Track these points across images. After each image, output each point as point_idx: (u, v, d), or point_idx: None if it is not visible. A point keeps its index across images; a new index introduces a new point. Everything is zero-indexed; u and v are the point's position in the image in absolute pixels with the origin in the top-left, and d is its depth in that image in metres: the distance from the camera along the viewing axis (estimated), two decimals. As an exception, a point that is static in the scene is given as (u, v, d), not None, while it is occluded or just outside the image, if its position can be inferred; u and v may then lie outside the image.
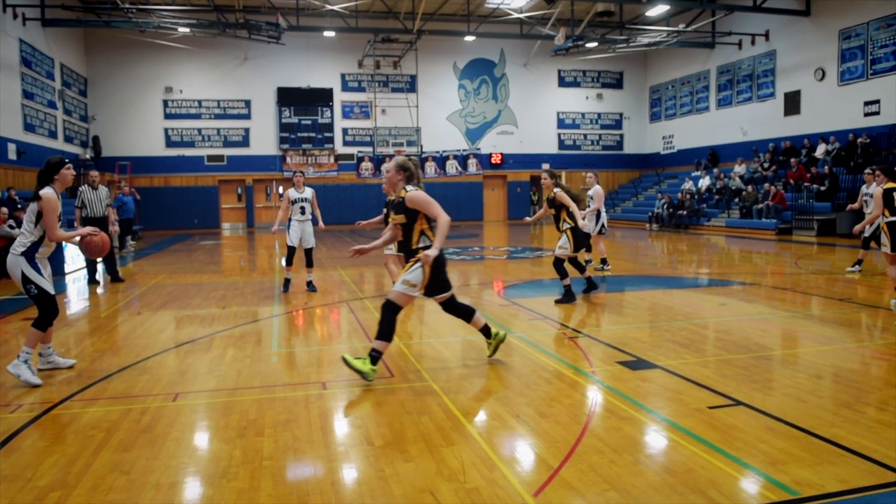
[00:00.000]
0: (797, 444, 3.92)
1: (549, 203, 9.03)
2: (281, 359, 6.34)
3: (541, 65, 31.91)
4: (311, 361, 6.22)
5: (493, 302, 9.35)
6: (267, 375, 5.71)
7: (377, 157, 29.76)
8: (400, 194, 5.54)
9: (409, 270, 5.43)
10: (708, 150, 28.85)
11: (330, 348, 6.75)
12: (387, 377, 5.54)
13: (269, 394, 5.17)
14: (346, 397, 5.08)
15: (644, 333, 7.08)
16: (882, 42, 21.28)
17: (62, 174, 5.59)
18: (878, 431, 4.11)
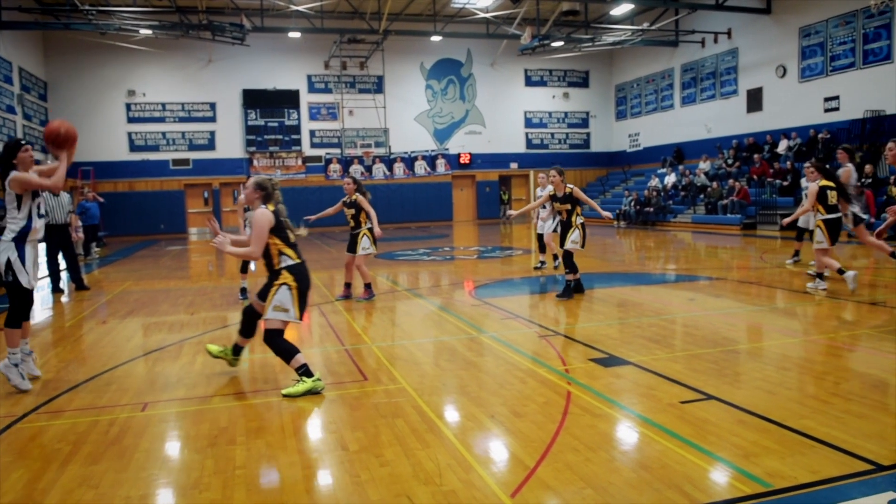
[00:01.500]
0: (768, 437, 3.97)
1: (563, 199, 9.31)
2: (252, 364, 6.26)
3: (507, 64, 32.01)
4: (283, 366, 6.14)
5: (465, 302, 9.34)
6: (238, 382, 5.63)
7: (345, 158, 29.61)
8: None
9: (274, 294, 5.25)
10: (673, 147, 29.20)
11: (303, 353, 6.67)
12: (360, 380, 5.50)
13: (240, 401, 5.10)
14: (320, 402, 5.02)
15: (615, 330, 7.13)
16: (840, 39, 21.72)
17: (20, 157, 5.36)
18: (846, 421, 4.18)
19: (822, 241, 8.78)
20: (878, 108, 20.18)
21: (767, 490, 3.29)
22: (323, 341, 7.16)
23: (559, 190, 9.36)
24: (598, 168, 34.06)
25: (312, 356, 6.46)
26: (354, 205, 9.54)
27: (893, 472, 3.44)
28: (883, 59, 20.44)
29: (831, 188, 8.80)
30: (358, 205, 9.52)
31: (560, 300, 9.02)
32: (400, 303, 9.45)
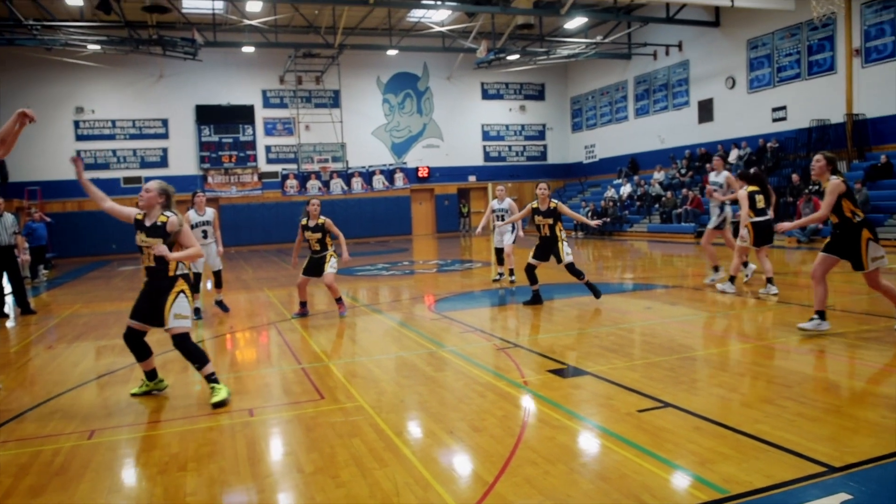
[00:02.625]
0: (724, 443, 3.99)
1: (546, 213, 9.33)
2: (205, 386, 6.10)
3: (464, 78, 32.19)
4: (238, 387, 6.00)
5: (425, 316, 9.28)
6: (190, 405, 5.47)
7: (302, 174, 29.34)
8: (159, 219, 5.42)
9: (173, 303, 5.32)
10: (628, 158, 29.64)
11: (257, 373, 6.54)
12: (316, 400, 5.40)
13: (192, 425, 4.95)
14: (274, 423, 4.91)
15: (573, 340, 7.15)
16: (786, 51, 22.35)
17: None
18: (799, 425, 4.23)
19: (747, 239, 9.51)
20: (823, 117, 20.78)
21: (724, 496, 3.30)
22: (279, 360, 7.03)
23: (543, 204, 9.34)
24: (555, 179, 34.34)
25: (267, 376, 6.33)
26: (321, 228, 9.15)
27: (846, 473, 3.48)
28: (827, 70, 21.07)
29: (758, 192, 9.48)
30: (325, 228, 9.15)
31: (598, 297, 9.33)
32: (359, 319, 9.35)
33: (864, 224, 6.43)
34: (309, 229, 9.17)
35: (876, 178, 18.27)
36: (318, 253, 9.25)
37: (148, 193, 5.52)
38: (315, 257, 9.28)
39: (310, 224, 9.17)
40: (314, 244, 9.22)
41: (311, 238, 9.18)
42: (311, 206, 9.18)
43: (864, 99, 20.00)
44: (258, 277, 16.02)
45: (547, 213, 9.33)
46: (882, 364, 5.72)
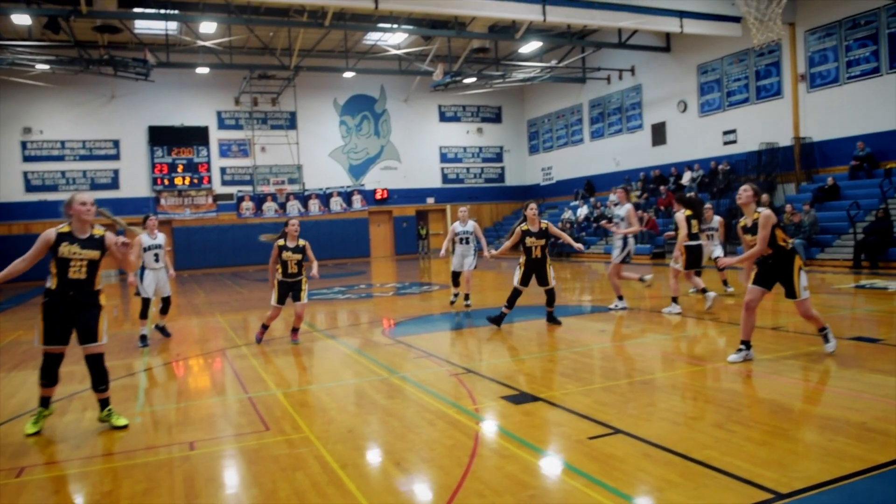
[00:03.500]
0: (673, 470, 3.95)
1: (539, 234, 9.21)
2: (146, 418, 5.87)
3: (421, 100, 32.28)
4: (180, 419, 5.79)
5: (379, 342, 9.14)
6: (128, 439, 5.24)
7: (258, 196, 29.02)
8: (95, 232, 5.47)
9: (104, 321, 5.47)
10: (584, 180, 29.98)
11: (202, 402, 6.33)
12: (261, 431, 5.23)
13: (128, 460, 4.74)
14: (216, 457, 4.73)
15: (527, 365, 7.09)
16: (735, 76, 22.93)
17: None
18: (746, 450, 4.21)
19: (680, 262, 9.84)
20: (772, 140, 21.31)
21: (672, 528, 3.24)
22: (225, 389, 6.82)
23: (534, 225, 9.18)
24: (513, 201, 34.55)
25: (212, 406, 6.13)
26: (302, 250, 8.80)
27: (793, 499, 3.46)
28: (774, 95, 21.66)
29: (693, 217, 9.77)
30: (305, 250, 8.82)
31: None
32: (311, 345, 9.16)
33: (795, 251, 6.52)
34: (289, 250, 8.72)
35: (823, 200, 18.74)
36: (294, 276, 8.84)
37: (93, 207, 5.47)
38: (289, 281, 8.84)
39: (289, 245, 8.77)
40: (292, 266, 8.79)
41: (291, 259, 8.75)
42: (290, 227, 8.78)
43: (811, 123, 20.58)
44: (210, 302, 15.67)
45: (539, 234, 9.18)
46: (830, 385, 5.78)
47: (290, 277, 8.82)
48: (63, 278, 5.35)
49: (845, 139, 19.53)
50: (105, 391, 5.48)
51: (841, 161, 19.68)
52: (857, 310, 10.38)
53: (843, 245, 16.87)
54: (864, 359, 6.48)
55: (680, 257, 9.95)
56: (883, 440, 4.28)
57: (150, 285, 9.62)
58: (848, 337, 7.59)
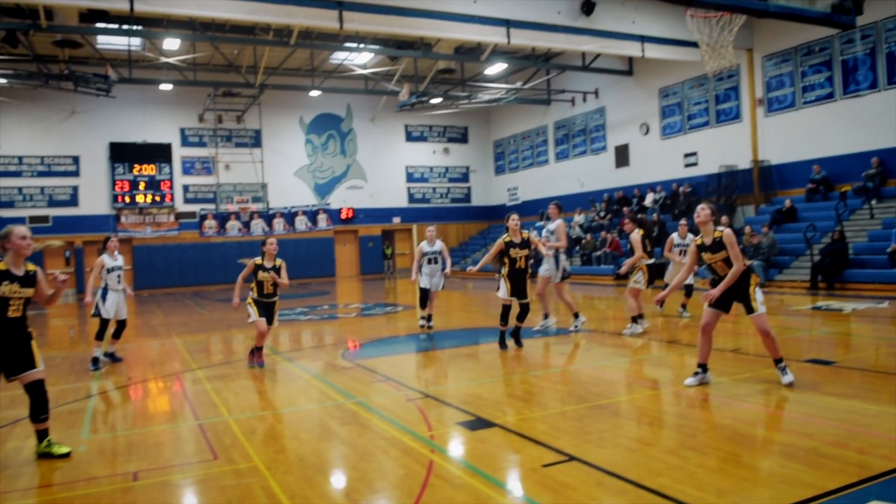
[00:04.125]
0: (626, 499, 3.91)
1: (523, 245, 9.10)
2: (90, 446, 5.67)
3: (388, 120, 32.30)
4: (125, 447, 5.60)
5: (338, 365, 9.00)
6: (70, 469, 5.04)
7: (221, 214, 28.67)
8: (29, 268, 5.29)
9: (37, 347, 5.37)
10: (549, 200, 30.08)
11: (149, 430, 6.14)
12: (208, 460, 5.07)
13: (68, 491, 4.55)
14: (159, 488, 4.56)
15: (486, 389, 7.02)
16: (696, 100, 23.36)
17: None
18: (699, 477, 4.19)
19: (640, 282, 9.99)
20: (731, 163, 21.70)
21: (621, 561, 3.19)
22: (175, 415, 6.64)
23: (517, 236, 9.06)
24: (479, 222, 34.65)
25: (160, 434, 5.94)
26: (279, 271, 8.52)
27: (743, 531, 3.43)
28: (733, 119, 22.10)
29: (647, 237, 9.98)
30: (280, 271, 8.53)
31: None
32: (267, 368, 8.98)
33: (751, 269, 6.58)
34: (266, 270, 8.45)
35: (781, 222, 19.09)
36: (270, 297, 8.59)
37: (33, 241, 5.30)
38: (266, 302, 8.57)
39: (266, 264, 8.49)
40: (268, 286, 8.52)
41: (267, 280, 8.48)
42: (269, 246, 8.52)
43: (769, 146, 21.02)
44: (168, 323, 15.36)
45: (522, 244, 9.07)
46: (785, 409, 5.81)
47: (266, 298, 8.58)
48: (2, 318, 5.13)
49: (802, 162, 19.96)
50: (45, 421, 5.29)
51: (798, 184, 20.09)
52: (812, 332, 10.53)
53: (801, 266, 17.17)
54: (818, 382, 6.53)
55: (641, 277, 10.04)
56: (834, 466, 4.29)
57: (112, 307, 9.47)
58: (803, 359, 7.66)
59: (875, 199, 17.63)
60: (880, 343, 9.14)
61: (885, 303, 12.77)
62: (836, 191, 18.80)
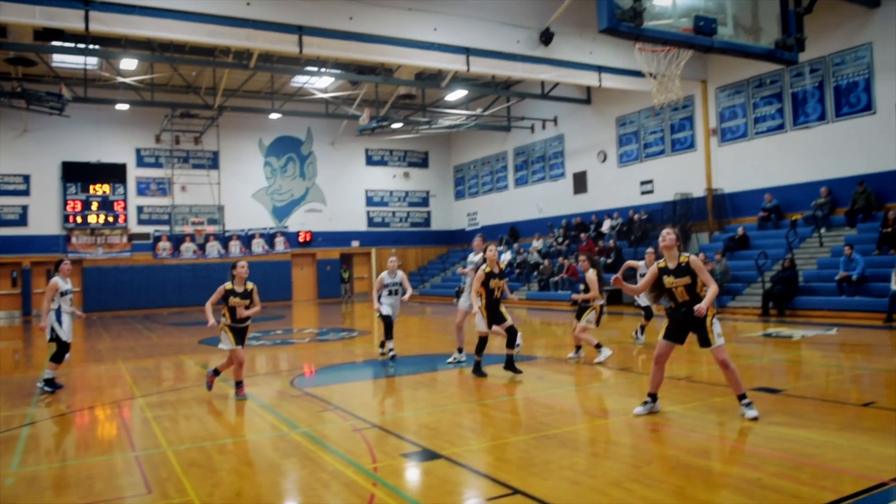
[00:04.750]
0: (568, 535, 3.83)
1: (501, 275, 9.06)
2: (20, 481, 5.39)
3: (348, 143, 32.24)
4: (56, 481, 5.35)
5: (284, 393, 8.78)
6: (-9, 505, 4.80)
7: (175, 236, 28.15)
8: None
9: None
10: (508, 226, 30.35)
11: (83, 462, 5.88)
12: (142, 494, 4.87)
13: (-15, 530, 4.32)
14: (84, 526, 4.35)
15: (435, 419, 6.91)
16: (652, 129, 23.79)
17: None
18: (643, 512, 4.14)
19: (592, 321, 10.14)
20: (686, 191, 22.09)
21: None
22: (112, 446, 6.38)
23: (495, 266, 8.97)
24: (438, 246, 34.65)
25: (94, 466, 5.69)
26: (250, 295, 8.22)
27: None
28: (688, 148, 22.55)
29: (600, 276, 10.22)
30: (252, 294, 8.24)
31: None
32: (213, 396, 8.73)
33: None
34: (237, 295, 8.09)
35: (734, 249, 19.43)
36: (243, 322, 8.24)
37: None
38: (238, 327, 8.23)
39: (237, 289, 8.13)
40: (241, 312, 8.18)
41: (240, 305, 8.14)
42: (239, 270, 8.19)
43: (722, 175, 21.46)
44: (115, 347, 14.92)
45: (500, 274, 9.02)
46: (730, 439, 5.81)
47: (239, 323, 8.22)
48: None
49: (754, 191, 20.41)
50: None
51: (750, 212, 20.52)
52: (762, 359, 10.65)
53: (753, 293, 17.47)
54: (765, 411, 6.54)
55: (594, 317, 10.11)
56: (775, 498, 4.28)
57: (68, 329, 9.34)
58: (752, 388, 7.70)
59: (824, 228, 18.08)
60: (827, 370, 9.28)
61: (833, 329, 13.02)
62: (786, 219, 19.24)
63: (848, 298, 15.16)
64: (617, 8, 6.24)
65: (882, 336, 12.46)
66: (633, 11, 6.25)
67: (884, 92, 17.32)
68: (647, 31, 6.55)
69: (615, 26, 6.32)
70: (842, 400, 7.18)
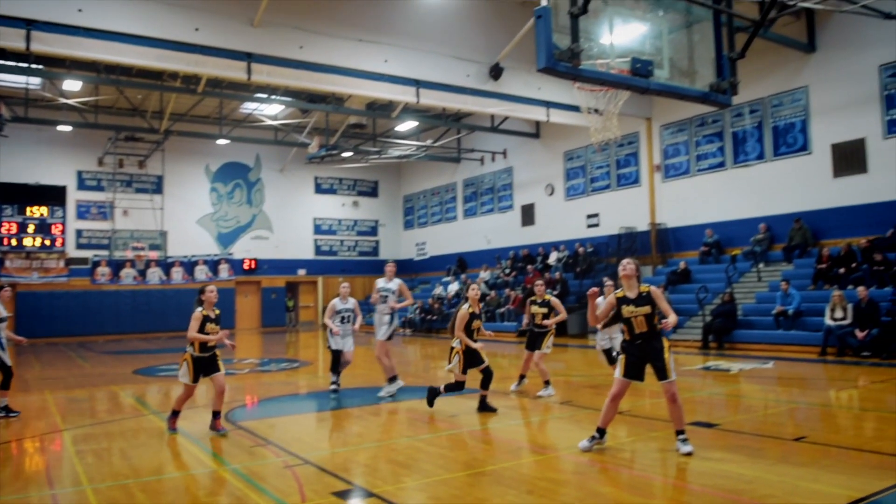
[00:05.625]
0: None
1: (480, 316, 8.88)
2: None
3: (297, 171, 31.99)
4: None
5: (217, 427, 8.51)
6: None
7: (115, 261, 27.37)
8: None
9: None
10: (457, 256, 30.42)
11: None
12: (52, 538, 4.61)
13: None
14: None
15: (370, 454, 6.77)
16: (598, 164, 24.24)
17: None
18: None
19: (550, 347, 10.09)
20: (631, 225, 22.51)
21: None
22: (28, 484, 6.05)
23: (477, 306, 8.71)
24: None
25: (4, 507, 5.39)
26: (218, 319, 7.91)
27: None
28: (633, 183, 23.01)
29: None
30: (219, 320, 7.90)
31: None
32: (141, 429, 8.40)
33: (662, 332, 6.51)
34: (211, 321, 7.74)
35: (676, 282, 19.80)
36: (212, 349, 7.89)
37: None
38: (206, 356, 7.84)
39: (211, 315, 7.79)
40: (215, 338, 7.82)
41: (213, 331, 7.76)
42: (210, 294, 7.83)
43: (666, 210, 21.94)
44: (44, 377, 14.32)
45: (480, 315, 8.86)
46: (666, 475, 5.82)
47: (207, 352, 7.83)
48: None
49: (696, 226, 20.90)
50: None
51: (692, 246, 20.98)
52: (700, 392, 10.78)
53: (694, 326, 17.78)
54: (699, 446, 6.57)
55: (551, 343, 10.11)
56: (703, 537, 4.27)
57: (6, 354, 9.10)
58: (688, 422, 7.76)
59: (762, 263, 18.57)
60: (762, 404, 9.44)
61: (769, 363, 13.30)
62: (727, 254, 19.72)
63: (784, 332, 15.54)
64: (555, 48, 6.35)
65: (816, 369, 12.79)
66: (571, 52, 6.37)
67: (819, 133, 18.01)
68: (585, 71, 6.68)
69: (553, 66, 6.43)
70: (775, 434, 7.28)
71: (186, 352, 7.80)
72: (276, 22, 15.42)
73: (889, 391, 10.08)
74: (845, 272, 15.87)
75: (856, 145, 17.28)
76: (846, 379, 11.60)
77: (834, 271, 16.14)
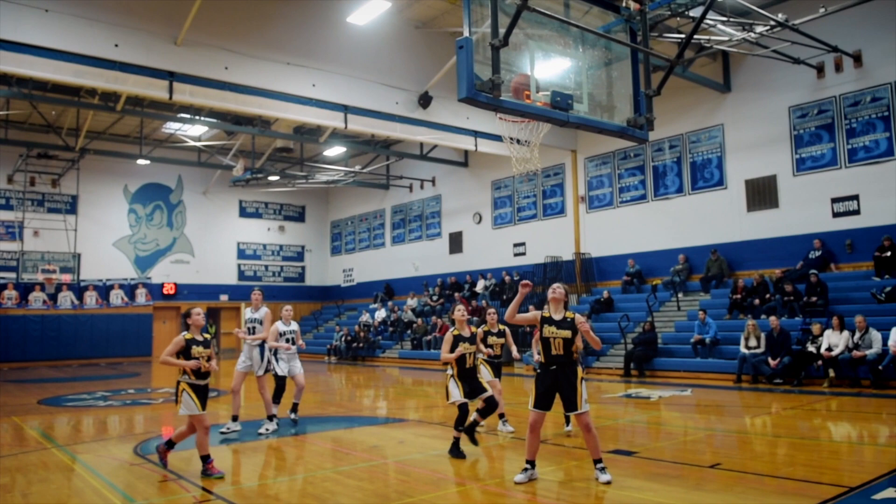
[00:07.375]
0: None
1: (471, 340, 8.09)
2: None
3: (221, 194, 31.27)
4: None
5: (124, 461, 8.07)
6: None
7: (23, 284, 26.00)
8: None
9: None
10: (384, 283, 30.23)
11: None
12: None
13: None
14: None
15: (285, 488, 6.52)
16: (525, 194, 24.60)
17: None
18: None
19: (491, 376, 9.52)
20: (556, 254, 22.87)
21: None
22: None
23: (464, 329, 8.10)
24: (312, 302, 33.95)
25: None
26: (210, 344, 7.26)
27: None
28: (559, 213, 23.43)
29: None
30: (212, 345, 7.27)
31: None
32: (43, 464, 7.88)
33: (578, 362, 6.56)
34: (199, 344, 7.10)
35: (600, 311, 20.16)
36: (206, 377, 7.21)
37: None
38: (202, 384, 7.17)
39: (198, 338, 7.16)
40: (205, 364, 7.13)
41: (203, 356, 7.08)
42: (196, 317, 7.26)
43: (590, 240, 22.40)
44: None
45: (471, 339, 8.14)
46: (582, 506, 5.80)
47: (202, 379, 7.18)
48: None
49: (619, 256, 21.40)
50: None
51: (615, 276, 21.47)
52: (622, 420, 10.91)
53: (616, 354, 18.10)
54: (617, 475, 6.59)
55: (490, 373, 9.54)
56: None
57: None
58: (608, 450, 7.82)
59: (681, 293, 19.12)
60: (681, 431, 9.61)
61: (687, 390, 13.62)
62: (648, 283, 20.24)
63: (702, 360, 15.98)
64: (477, 79, 6.40)
65: (732, 396, 13.15)
66: (492, 83, 6.43)
67: (733, 169, 18.79)
68: (505, 102, 6.74)
69: (474, 96, 6.48)
70: (692, 462, 7.40)
71: (181, 382, 7.16)
72: (201, 41, 15.09)
73: (800, 417, 10.44)
74: (759, 302, 16.50)
75: (768, 181, 18.10)
76: (760, 406, 11.96)
77: (748, 301, 16.75)
